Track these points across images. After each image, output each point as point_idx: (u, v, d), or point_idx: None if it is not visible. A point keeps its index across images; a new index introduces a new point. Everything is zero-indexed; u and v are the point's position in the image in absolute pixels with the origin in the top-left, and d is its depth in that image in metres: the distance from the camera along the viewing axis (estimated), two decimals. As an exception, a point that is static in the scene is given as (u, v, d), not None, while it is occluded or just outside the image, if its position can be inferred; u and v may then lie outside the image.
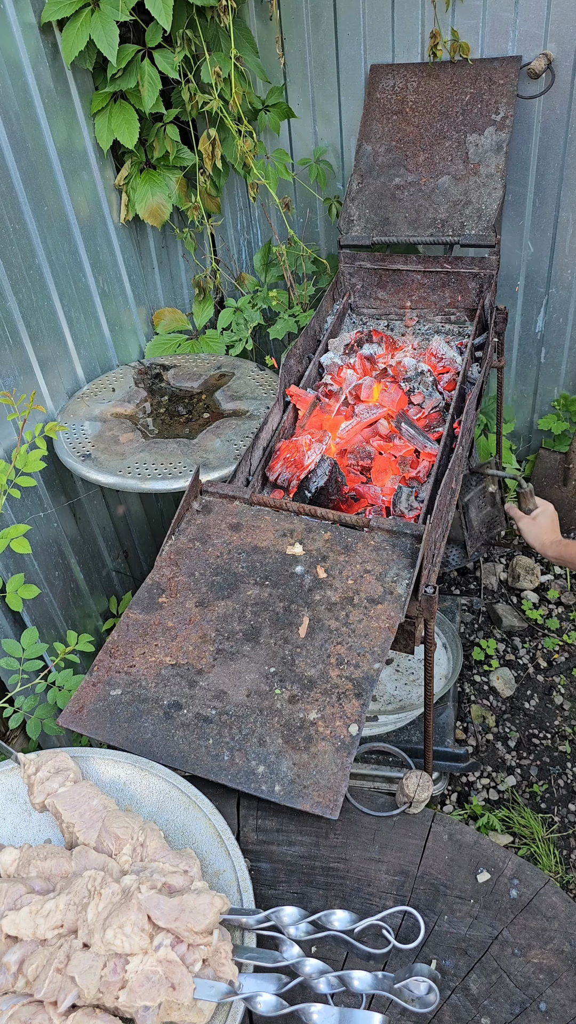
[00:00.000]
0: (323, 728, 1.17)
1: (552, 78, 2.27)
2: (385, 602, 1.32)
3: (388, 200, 2.25)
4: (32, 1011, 0.89)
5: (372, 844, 1.17)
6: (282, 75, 2.55)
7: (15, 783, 1.16)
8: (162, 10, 2.02)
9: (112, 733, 1.19)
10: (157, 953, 0.89)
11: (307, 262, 2.62)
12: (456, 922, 1.08)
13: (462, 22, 2.27)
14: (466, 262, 2.17)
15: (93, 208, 2.36)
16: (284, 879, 1.14)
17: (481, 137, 2.20)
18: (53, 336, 2.27)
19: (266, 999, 0.91)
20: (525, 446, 3.13)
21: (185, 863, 1.00)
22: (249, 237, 2.90)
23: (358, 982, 0.92)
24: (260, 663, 1.26)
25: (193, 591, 1.37)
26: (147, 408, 2.34)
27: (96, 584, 2.61)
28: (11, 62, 1.97)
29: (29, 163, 2.06)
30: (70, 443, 2.15)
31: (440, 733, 2.13)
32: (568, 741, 2.35)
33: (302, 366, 2.02)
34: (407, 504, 1.59)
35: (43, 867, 1.02)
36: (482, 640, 2.63)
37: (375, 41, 2.38)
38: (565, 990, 1.01)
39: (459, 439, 1.73)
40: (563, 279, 2.64)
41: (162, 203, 2.47)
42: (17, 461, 1.57)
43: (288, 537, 1.44)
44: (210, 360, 2.54)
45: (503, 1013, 1.00)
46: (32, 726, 1.68)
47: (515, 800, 2.22)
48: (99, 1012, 0.88)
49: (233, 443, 2.10)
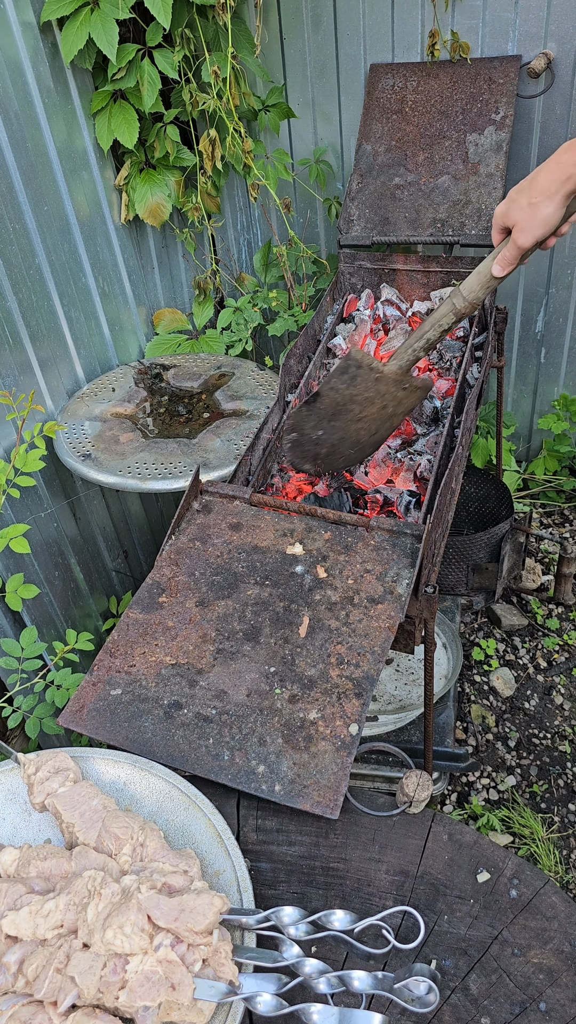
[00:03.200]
0: (323, 728, 1.17)
1: (552, 78, 2.27)
2: (385, 602, 1.32)
3: (388, 200, 2.25)
4: (32, 1011, 0.89)
5: (372, 844, 1.17)
6: (282, 75, 2.55)
7: (15, 783, 1.16)
8: (161, 9, 2.02)
9: (112, 733, 1.19)
10: (157, 953, 0.89)
11: (307, 262, 2.62)
12: (456, 922, 1.08)
13: (462, 22, 2.27)
14: (466, 262, 2.17)
15: (93, 208, 2.36)
16: (284, 879, 1.14)
17: (481, 137, 2.20)
18: (53, 336, 2.27)
19: (266, 999, 0.91)
20: (525, 446, 3.13)
21: (185, 863, 1.00)
22: (249, 237, 2.90)
23: (358, 982, 0.92)
24: (260, 663, 1.26)
25: (193, 591, 1.37)
26: (147, 408, 2.34)
27: (96, 584, 2.61)
28: (11, 61, 1.97)
29: (29, 163, 2.06)
30: (70, 443, 2.15)
31: (440, 733, 2.13)
32: (568, 741, 2.35)
33: (302, 366, 2.02)
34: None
35: (43, 867, 1.02)
36: (482, 640, 2.63)
37: (375, 41, 2.38)
38: (565, 990, 1.01)
39: (459, 439, 1.73)
40: (563, 279, 2.64)
41: (162, 203, 2.47)
42: (16, 461, 1.57)
43: (288, 537, 1.44)
44: (210, 360, 2.54)
45: (503, 1013, 1.00)
46: (31, 725, 1.68)
47: (515, 800, 2.22)
48: (99, 1012, 0.88)
49: (233, 443, 2.10)
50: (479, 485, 2.64)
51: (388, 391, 1.60)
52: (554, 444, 2.96)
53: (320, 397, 1.59)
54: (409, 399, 1.65)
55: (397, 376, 1.58)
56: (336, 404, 1.59)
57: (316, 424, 1.63)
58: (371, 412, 1.62)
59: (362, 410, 1.61)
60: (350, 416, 1.62)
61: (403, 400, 1.64)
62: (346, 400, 1.59)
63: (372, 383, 1.57)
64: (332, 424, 1.62)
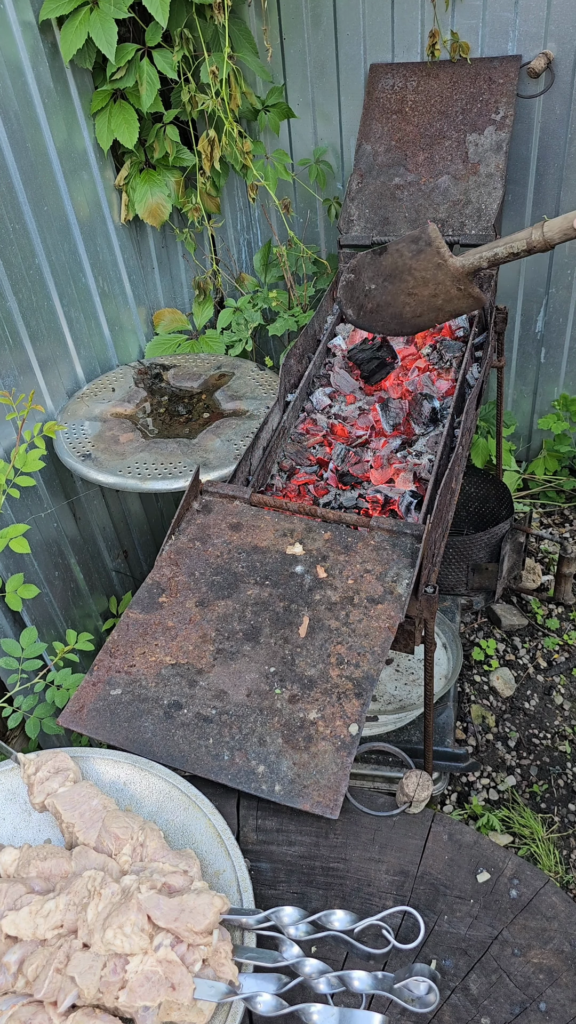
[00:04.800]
0: (323, 728, 1.17)
1: (552, 78, 2.27)
2: (385, 602, 1.32)
3: (388, 200, 2.25)
4: (32, 1011, 0.89)
5: (372, 844, 1.17)
6: (282, 75, 2.55)
7: (15, 783, 1.16)
8: (159, 8, 2.01)
9: (112, 733, 1.19)
10: (157, 953, 0.89)
11: (307, 262, 2.62)
12: (456, 922, 1.08)
13: (462, 22, 2.27)
14: (466, 262, 2.17)
15: (93, 208, 2.36)
16: (284, 879, 1.14)
17: (481, 137, 2.20)
18: (53, 336, 2.27)
19: (266, 999, 0.91)
20: (525, 447, 3.13)
21: (185, 863, 1.00)
22: (249, 237, 2.90)
23: (358, 982, 0.92)
24: (260, 663, 1.26)
25: (193, 591, 1.37)
26: (147, 408, 2.34)
27: (96, 584, 2.61)
28: (10, 61, 1.97)
29: (29, 163, 2.06)
30: (70, 443, 2.15)
31: (440, 733, 2.13)
32: (568, 741, 2.35)
33: (302, 366, 2.02)
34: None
35: (43, 867, 1.02)
36: (482, 640, 2.63)
37: (375, 41, 2.38)
38: (565, 990, 1.01)
39: (459, 439, 1.73)
40: (563, 279, 2.64)
41: (162, 203, 2.47)
42: (16, 461, 1.57)
43: (288, 537, 1.44)
44: (210, 360, 2.54)
45: (503, 1013, 1.00)
46: (31, 725, 1.68)
47: (515, 800, 2.22)
48: (99, 1012, 0.88)
49: (233, 443, 2.10)
50: (479, 485, 2.64)
51: (443, 281, 1.66)
52: (554, 444, 2.96)
53: (386, 252, 1.69)
54: (459, 301, 1.70)
55: (457, 272, 1.65)
56: (396, 267, 1.68)
57: (373, 276, 1.72)
58: (423, 292, 1.69)
59: (415, 285, 1.68)
60: (404, 286, 1.70)
61: (454, 298, 1.69)
62: (406, 269, 1.67)
63: (433, 266, 1.65)
64: (385, 285, 1.71)
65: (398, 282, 1.70)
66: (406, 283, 1.69)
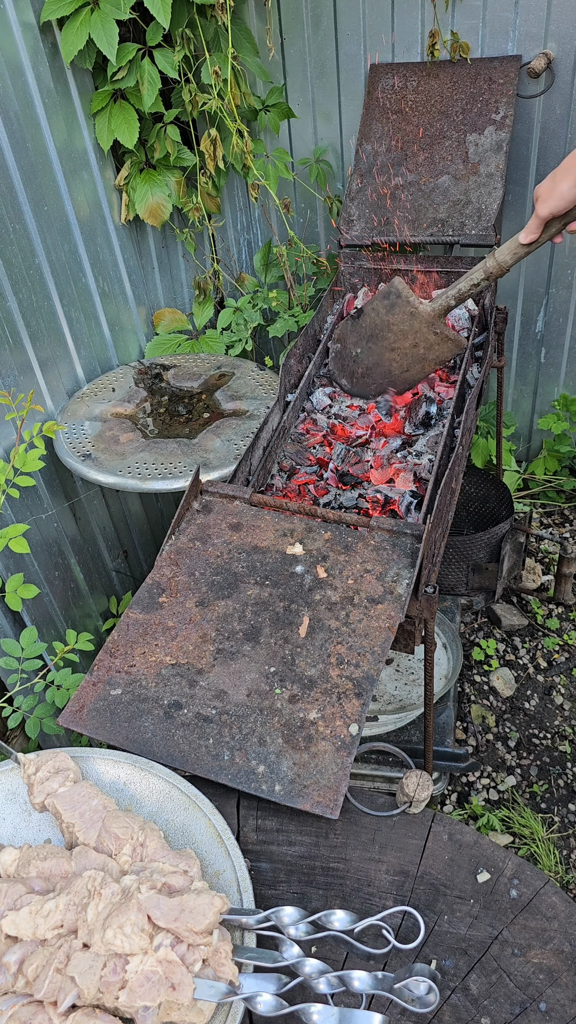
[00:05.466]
0: (323, 728, 1.17)
1: (552, 78, 2.27)
2: (385, 602, 1.32)
3: (388, 200, 2.25)
4: (32, 1011, 0.89)
5: (372, 844, 1.17)
6: (282, 75, 2.55)
7: (15, 783, 1.16)
8: (160, 8, 2.01)
9: (112, 733, 1.19)
10: (157, 953, 0.89)
11: (307, 262, 2.62)
12: (456, 922, 1.08)
13: (462, 22, 2.27)
14: (466, 262, 2.17)
15: (93, 208, 2.36)
16: (284, 879, 1.14)
17: (481, 136, 2.20)
18: (53, 336, 2.27)
19: (266, 999, 0.90)
20: (525, 446, 3.13)
21: (185, 863, 1.00)
22: (249, 237, 2.90)
23: (358, 982, 0.92)
24: (260, 663, 1.26)
25: (193, 591, 1.37)
26: (147, 408, 2.34)
27: (96, 584, 2.61)
28: (11, 62, 1.97)
29: (29, 163, 2.06)
30: (70, 443, 2.15)
31: (440, 733, 2.13)
32: (568, 741, 2.35)
33: (302, 366, 2.02)
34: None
35: (43, 867, 1.02)
36: (482, 640, 2.63)
37: (375, 41, 2.38)
38: (565, 990, 1.01)
39: (459, 439, 1.73)
40: (563, 279, 2.64)
41: (162, 203, 2.47)
42: (16, 461, 1.57)
43: (288, 537, 1.44)
44: (210, 360, 2.54)
45: (503, 1013, 1.00)
46: (31, 725, 1.68)
47: (515, 800, 2.22)
48: (99, 1012, 0.88)
49: (233, 443, 2.10)
50: (479, 485, 2.64)
51: (420, 329, 1.72)
52: (554, 444, 2.96)
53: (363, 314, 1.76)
54: (439, 347, 1.74)
55: (429, 317, 1.70)
56: (375, 326, 1.74)
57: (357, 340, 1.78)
58: (404, 345, 1.74)
59: (395, 339, 1.74)
60: (385, 343, 1.75)
61: (433, 345, 1.74)
62: (384, 325, 1.73)
63: (407, 316, 1.70)
64: (369, 346, 1.77)
65: (380, 340, 1.77)
66: (387, 339, 1.75)
